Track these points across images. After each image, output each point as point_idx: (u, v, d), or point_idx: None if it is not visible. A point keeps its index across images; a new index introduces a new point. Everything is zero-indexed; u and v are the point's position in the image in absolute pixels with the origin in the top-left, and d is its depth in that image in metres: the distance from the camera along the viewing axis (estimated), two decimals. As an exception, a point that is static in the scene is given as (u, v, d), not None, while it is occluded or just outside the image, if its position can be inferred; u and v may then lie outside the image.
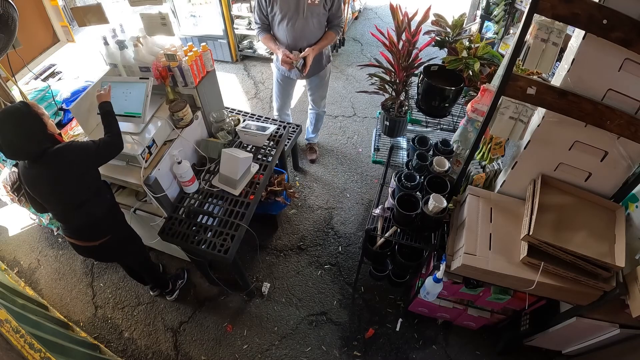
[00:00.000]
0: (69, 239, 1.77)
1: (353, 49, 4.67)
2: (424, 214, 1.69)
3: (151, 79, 1.87)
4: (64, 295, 2.53)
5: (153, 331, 2.33)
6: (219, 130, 2.23)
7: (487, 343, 2.22)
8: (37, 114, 1.50)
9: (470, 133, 1.78)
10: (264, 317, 2.37)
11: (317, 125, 3.14)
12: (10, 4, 1.68)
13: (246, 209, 2.01)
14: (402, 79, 2.17)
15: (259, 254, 2.64)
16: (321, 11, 2.26)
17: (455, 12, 2.21)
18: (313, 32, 2.32)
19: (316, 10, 2.23)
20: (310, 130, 3.21)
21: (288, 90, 2.80)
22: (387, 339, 2.27)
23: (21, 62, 2.14)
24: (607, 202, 1.54)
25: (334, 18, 2.36)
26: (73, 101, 1.99)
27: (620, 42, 1.14)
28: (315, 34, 2.34)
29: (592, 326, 1.67)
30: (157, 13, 1.95)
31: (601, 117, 1.28)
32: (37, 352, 1.50)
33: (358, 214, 2.90)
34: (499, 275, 1.51)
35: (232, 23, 4.16)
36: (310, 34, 2.32)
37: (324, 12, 2.28)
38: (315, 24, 2.29)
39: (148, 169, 1.85)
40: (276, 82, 2.75)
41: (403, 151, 2.50)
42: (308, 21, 2.25)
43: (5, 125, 1.44)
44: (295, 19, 2.24)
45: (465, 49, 1.90)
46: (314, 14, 2.24)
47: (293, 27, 2.27)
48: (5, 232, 2.89)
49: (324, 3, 2.24)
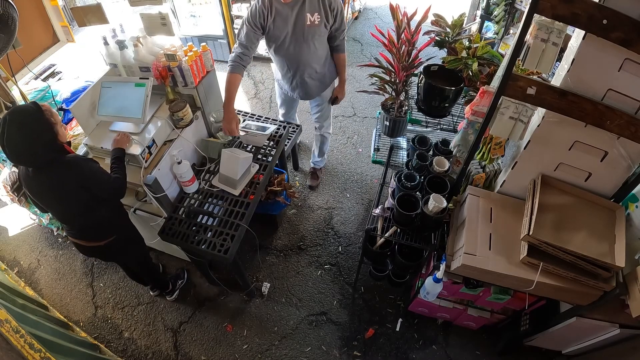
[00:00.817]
0: (73, 239, 1.77)
1: (353, 49, 4.67)
2: (424, 214, 1.69)
3: (151, 79, 1.87)
4: (64, 295, 2.53)
5: (153, 331, 2.33)
6: (219, 130, 2.23)
7: (487, 343, 2.22)
8: (46, 119, 1.42)
9: (470, 136, 1.77)
10: (264, 317, 2.37)
11: (322, 149, 2.92)
12: (10, 4, 1.68)
13: (246, 209, 2.01)
14: (402, 79, 2.18)
15: (259, 254, 2.63)
16: (322, 31, 2.05)
17: (455, 12, 2.21)
18: (316, 53, 2.12)
19: (317, 31, 2.02)
20: (316, 154, 2.99)
21: (292, 105, 2.68)
22: (387, 339, 2.27)
23: (21, 62, 2.15)
24: (607, 202, 1.54)
25: (339, 34, 2.15)
26: (73, 101, 1.99)
27: (620, 42, 1.14)
28: (318, 55, 2.14)
29: (592, 326, 1.67)
30: (157, 13, 1.95)
31: (601, 117, 1.28)
32: (37, 352, 1.50)
33: (358, 214, 2.90)
34: (499, 275, 1.51)
35: (232, 23, 4.16)
36: (313, 56, 2.13)
37: (325, 30, 2.06)
38: (317, 45, 2.09)
39: (148, 169, 1.85)
40: (280, 100, 2.64)
41: (403, 151, 2.50)
42: (309, 44, 2.06)
43: (12, 126, 1.37)
44: (295, 43, 2.05)
45: (465, 49, 1.90)
46: (315, 35, 2.03)
47: (294, 52, 2.09)
48: (5, 232, 2.89)
49: (325, 22, 2.01)
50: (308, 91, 2.33)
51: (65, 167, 1.50)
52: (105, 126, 1.94)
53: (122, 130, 1.87)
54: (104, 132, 1.92)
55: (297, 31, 2.00)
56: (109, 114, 1.91)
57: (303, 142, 3.47)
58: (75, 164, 1.52)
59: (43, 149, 1.43)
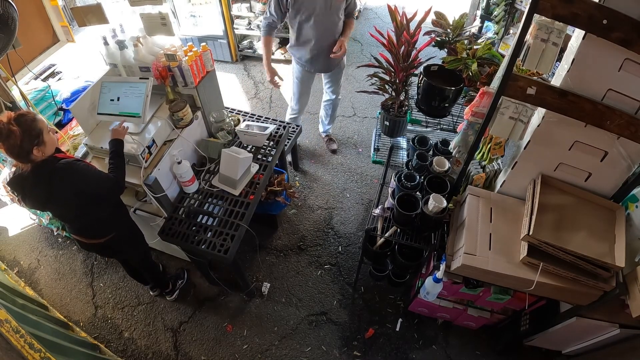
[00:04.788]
0: (74, 235, 1.79)
1: (353, 49, 4.67)
2: (424, 214, 1.69)
3: (151, 79, 1.87)
4: (64, 295, 2.53)
5: (153, 331, 2.33)
6: (219, 130, 2.23)
7: (487, 343, 2.22)
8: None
9: (470, 137, 1.77)
10: (264, 317, 2.37)
11: (333, 115, 3.24)
12: (10, 4, 1.68)
13: (246, 209, 2.01)
14: (402, 79, 2.17)
15: (259, 254, 2.63)
16: (343, 5, 2.39)
17: (456, 12, 2.21)
18: (337, 25, 2.43)
19: (341, 5, 2.36)
20: (327, 122, 3.30)
21: (309, 85, 2.83)
22: (387, 339, 2.27)
23: (21, 62, 2.14)
24: (607, 202, 1.54)
25: (352, 7, 2.49)
26: (73, 101, 1.99)
27: (620, 42, 1.14)
28: (338, 26, 2.46)
29: (592, 326, 1.67)
30: (157, 13, 1.95)
31: (601, 117, 1.28)
32: (37, 352, 1.50)
33: (358, 214, 2.90)
34: (498, 275, 1.51)
35: (232, 23, 4.16)
36: (335, 27, 2.43)
37: (345, 5, 2.41)
38: (338, 17, 2.40)
39: (148, 169, 1.85)
40: (297, 82, 2.76)
41: (403, 151, 2.50)
42: (333, 16, 2.36)
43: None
44: (322, 16, 2.31)
45: (465, 50, 1.90)
46: (339, 9, 2.36)
47: (320, 24, 2.35)
48: (5, 232, 2.89)
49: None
50: (328, 63, 2.57)
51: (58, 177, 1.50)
52: (105, 126, 1.94)
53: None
54: (104, 132, 1.91)
55: (327, 6, 2.28)
56: (109, 113, 1.90)
57: (303, 142, 3.47)
58: (69, 171, 1.52)
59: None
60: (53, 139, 1.54)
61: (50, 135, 1.51)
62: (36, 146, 1.44)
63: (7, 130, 1.37)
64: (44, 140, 1.46)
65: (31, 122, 1.43)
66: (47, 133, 1.48)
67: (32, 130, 1.42)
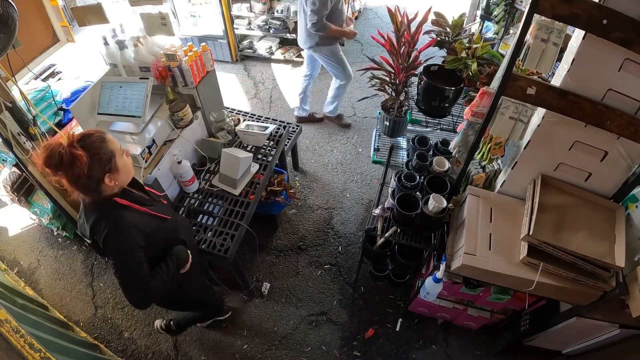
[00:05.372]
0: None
1: (353, 49, 4.67)
2: (424, 214, 1.69)
3: (151, 79, 1.87)
4: (64, 295, 2.53)
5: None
6: (219, 130, 2.23)
7: (487, 343, 2.22)
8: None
9: (470, 137, 1.77)
10: (264, 317, 2.37)
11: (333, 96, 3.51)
12: (10, 4, 1.67)
13: (246, 208, 2.01)
14: (402, 80, 2.17)
15: (259, 253, 2.63)
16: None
17: (455, 12, 2.21)
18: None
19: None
20: (335, 103, 3.49)
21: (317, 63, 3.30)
22: (387, 339, 2.27)
23: (21, 62, 2.14)
24: (607, 202, 1.54)
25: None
26: (73, 101, 1.99)
27: (620, 42, 1.14)
28: None
29: (592, 326, 1.67)
30: (157, 13, 1.95)
31: (601, 117, 1.28)
32: (37, 352, 1.50)
33: (358, 214, 2.90)
34: (498, 275, 1.51)
35: (232, 23, 4.16)
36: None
37: None
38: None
39: (148, 168, 1.85)
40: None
41: (403, 151, 2.50)
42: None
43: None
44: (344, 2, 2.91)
45: (465, 49, 1.90)
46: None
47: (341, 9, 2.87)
48: (5, 232, 2.89)
49: None
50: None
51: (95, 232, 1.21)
52: (105, 126, 1.94)
53: (122, 129, 1.87)
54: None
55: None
56: (109, 113, 1.91)
57: (303, 142, 3.47)
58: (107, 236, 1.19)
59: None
60: (128, 164, 1.25)
61: (124, 159, 1.22)
62: (108, 173, 1.16)
63: (70, 155, 1.08)
64: (116, 165, 1.18)
65: (100, 143, 1.15)
66: (120, 156, 1.20)
67: (103, 153, 1.14)
